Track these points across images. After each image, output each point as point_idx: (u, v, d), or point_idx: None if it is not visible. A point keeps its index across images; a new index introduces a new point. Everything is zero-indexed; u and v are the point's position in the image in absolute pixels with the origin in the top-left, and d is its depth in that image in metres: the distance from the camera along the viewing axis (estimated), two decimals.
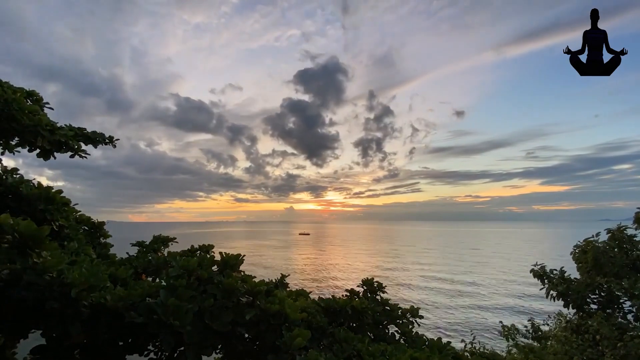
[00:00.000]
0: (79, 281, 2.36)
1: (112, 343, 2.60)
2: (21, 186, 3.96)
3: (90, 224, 4.83)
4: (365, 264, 60.13)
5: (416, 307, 4.01)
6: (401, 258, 67.47)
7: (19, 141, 4.21)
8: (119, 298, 2.46)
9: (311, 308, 3.40)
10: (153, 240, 4.96)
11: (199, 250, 4.67)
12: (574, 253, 7.51)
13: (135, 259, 4.33)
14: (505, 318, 24.22)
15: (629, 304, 6.42)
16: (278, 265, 56.58)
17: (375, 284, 4.21)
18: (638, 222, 7.19)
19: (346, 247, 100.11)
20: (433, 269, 52.84)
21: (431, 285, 40.00)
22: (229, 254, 3.30)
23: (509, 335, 8.52)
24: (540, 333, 8.26)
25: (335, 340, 3.10)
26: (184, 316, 2.38)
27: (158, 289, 2.65)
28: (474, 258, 66.58)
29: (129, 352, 2.73)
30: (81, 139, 4.71)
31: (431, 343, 3.34)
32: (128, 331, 2.54)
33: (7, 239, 2.33)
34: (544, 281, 7.29)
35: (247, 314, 2.73)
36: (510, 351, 7.90)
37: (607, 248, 7.00)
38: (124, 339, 2.68)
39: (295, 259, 67.41)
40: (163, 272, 3.80)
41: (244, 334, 2.83)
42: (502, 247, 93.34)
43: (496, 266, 55.92)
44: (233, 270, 3.27)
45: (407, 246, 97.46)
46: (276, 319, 2.81)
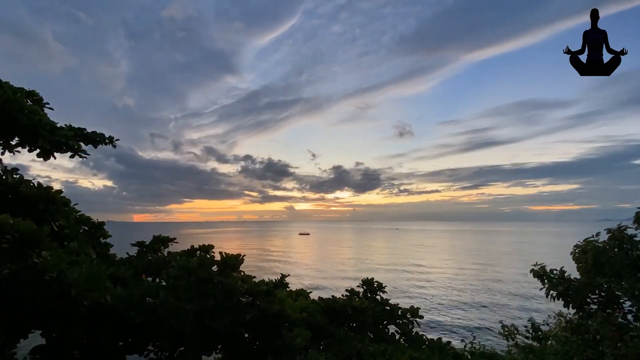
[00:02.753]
0: (79, 281, 2.36)
1: (112, 343, 2.60)
2: (21, 186, 3.96)
3: (90, 224, 4.83)
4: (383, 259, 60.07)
5: (416, 307, 4.01)
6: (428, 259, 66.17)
7: (19, 141, 4.21)
8: (119, 298, 2.46)
9: (311, 308, 3.40)
10: (153, 240, 4.96)
11: (199, 250, 4.67)
12: (574, 253, 7.50)
13: (135, 259, 4.34)
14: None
15: (629, 304, 6.42)
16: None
17: (375, 284, 4.21)
18: (638, 222, 7.18)
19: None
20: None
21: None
22: (229, 254, 3.30)
23: (509, 335, 8.52)
24: (540, 333, 8.26)
25: (335, 340, 3.10)
26: (184, 316, 2.38)
27: (158, 289, 2.65)
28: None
29: (129, 352, 2.73)
30: (81, 139, 4.72)
31: (431, 343, 3.34)
32: (128, 331, 2.54)
33: (7, 239, 2.33)
34: (544, 281, 7.29)
35: (247, 314, 2.73)
36: (510, 351, 7.90)
37: (607, 248, 6.99)
38: (124, 339, 2.68)
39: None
40: (163, 272, 3.80)
41: (244, 334, 2.83)
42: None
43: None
44: (233, 270, 3.27)
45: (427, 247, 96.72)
46: (276, 319, 2.81)
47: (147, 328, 2.37)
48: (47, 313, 2.32)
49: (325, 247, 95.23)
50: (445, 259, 66.68)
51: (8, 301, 2.29)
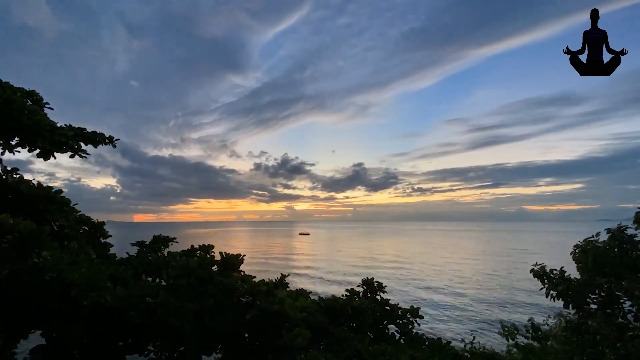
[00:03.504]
0: (79, 281, 2.36)
1: (112, 343, 2.60)
2: (21, 186, 3.96)
3: (90, 224, 4.83)
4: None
5: (416, 307, 4.01)
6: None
7: (19, 141, 4.22)
8: (119, 298, 2.46)
9: (311, 308, 3.40)
10: (153, 240, 4.96)
11: (199, 250, 4.68)
12: (574, 253, 7.49)
13: (135, 259, 4.34)
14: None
15: (629, 304, 6.41)
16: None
17: (375, 284, 4.21)
18: (638, 222, 7.17)
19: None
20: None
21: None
22: (229, 254, 3.31)
23: (509, 335, 8.51)
24: (540, 333, 8.25)
25: (335, 340, 3.10)
26: (184, 316, 2.38)
27: (158, 289, 2.65)
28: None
29: (129, 352, 2.73)
30: (81, 139, 4.73)
31: (431, 343, 3.34)
32: (128, 331, 2.54)
33: (7, 239, 2.33)
34: (544, 281, 7.28)
35: (247, 314, 2.74)
36: (510, 351, 7.89)
37: (607, 248, 6.98)
38: (124, 339, 2.68)
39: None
40: (163, 272, 3.80)
41: (244, 334, 2.83)
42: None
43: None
44: (233, 270, 3.28)
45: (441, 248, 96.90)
46: (276, 319, 2.81)
47: (147, 328, 2.37)
48: (47, 313, 2.33)
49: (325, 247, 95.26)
50: (445, 259, 66.69)
51: (8, 301, 2.29)
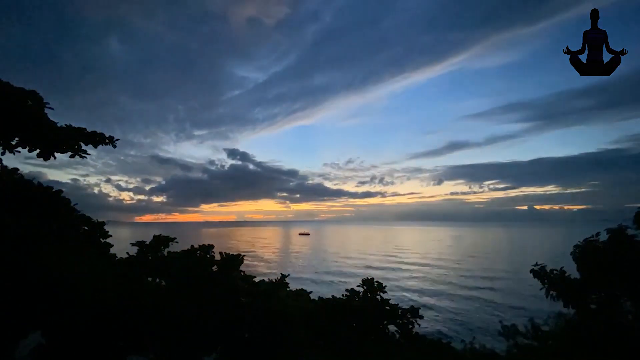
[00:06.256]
0: (79, 281, 2.36)
1: (113, 343, 2.60)
2: (21, 186, 3.96)
3: (91, 224, 4.83)
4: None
5: (416, 307, 4.01)
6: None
7: (19, 141, 4.22)
8: (119, 298, 2.46)
9: (311, 308, 3.40)
10: (153, 240, 4.97)
11: (199, 250, 4.68)
12: (574, 253, 7.49)
13: (135, 258, 4.34)
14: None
15: (629, 304, 6.42)
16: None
17: (375, 284, 4.21)
18: (638, 222, 7.17)
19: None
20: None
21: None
22: (229, 254, 3.31)
23: (509, 336, 8.51)
24: (540, 333, 8.25)
25: (335, 340, 3.10)
26: (184, 316, 2.38)
27: (158, 289, 2.65)
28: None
29: (129, 352, 2.74)
30: (81, 139, 4.73)
31: (431, 343, 3.34)
32: (128, 331, 2.54)
33: (7, 239, 2.33)
34: (544, 281, 7.29)
35: (247, 314, 2.74)
36: (510, 351, 7.89)
37: (607, 248, 6.98)
38: (124, 339, 2.68)
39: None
40: (163, 272, 3.80)
41: (244, 334, 2.83)
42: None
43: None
44: (233, 270, 3.28)
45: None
46: (276, 319, 2.82)
47: (147, 328, 2.38)
48: (47, 313, 2.33)
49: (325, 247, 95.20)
50: (445, 259, 66.64)
51: (8, 301, 2.30)
